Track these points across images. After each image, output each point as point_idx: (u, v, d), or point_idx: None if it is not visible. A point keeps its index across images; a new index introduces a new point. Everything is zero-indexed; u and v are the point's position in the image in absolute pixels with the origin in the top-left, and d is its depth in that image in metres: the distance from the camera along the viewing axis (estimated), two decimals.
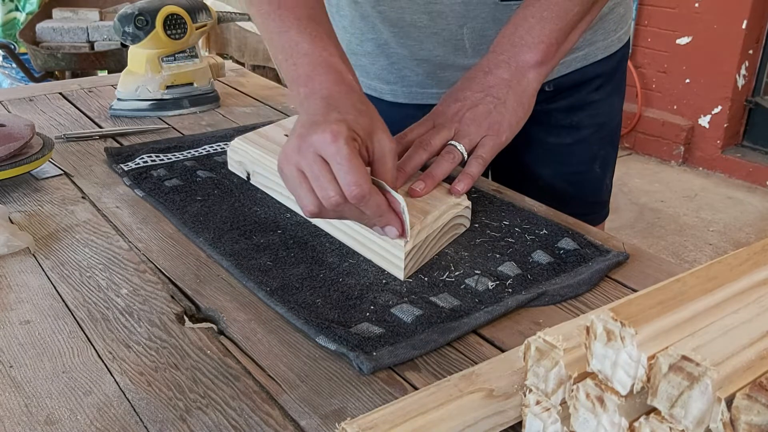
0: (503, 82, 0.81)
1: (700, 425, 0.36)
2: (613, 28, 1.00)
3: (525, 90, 0.81)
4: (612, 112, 1.07)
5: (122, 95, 1.15)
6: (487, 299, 0.66)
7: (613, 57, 1.03)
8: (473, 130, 0.80)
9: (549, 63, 0.82)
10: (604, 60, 1.01)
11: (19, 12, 2.92)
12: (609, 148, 1.08)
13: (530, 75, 0.81)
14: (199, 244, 0.75)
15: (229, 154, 0.92)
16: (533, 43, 0.81)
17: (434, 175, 0.77)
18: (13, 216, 0.81)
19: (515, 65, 0.81)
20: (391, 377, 0.57)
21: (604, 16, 0.98)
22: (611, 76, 1.04)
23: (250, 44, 3.34)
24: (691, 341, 0.38)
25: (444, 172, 0.78)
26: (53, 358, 0.58)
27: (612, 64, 1.03)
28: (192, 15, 1.16)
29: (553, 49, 0.81)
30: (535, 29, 0.81)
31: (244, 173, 0.90)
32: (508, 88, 0.81)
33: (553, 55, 0.82)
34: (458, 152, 0.79)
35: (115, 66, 2.64)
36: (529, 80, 0.81)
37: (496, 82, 0.81)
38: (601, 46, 1.00)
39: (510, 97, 0.81)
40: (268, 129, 0.92)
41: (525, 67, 0.81)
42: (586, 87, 1.03)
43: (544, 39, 0.81)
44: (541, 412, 0.45)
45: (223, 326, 0.63)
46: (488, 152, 0.80)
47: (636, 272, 0.72)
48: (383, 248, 0.70)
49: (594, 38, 0.99)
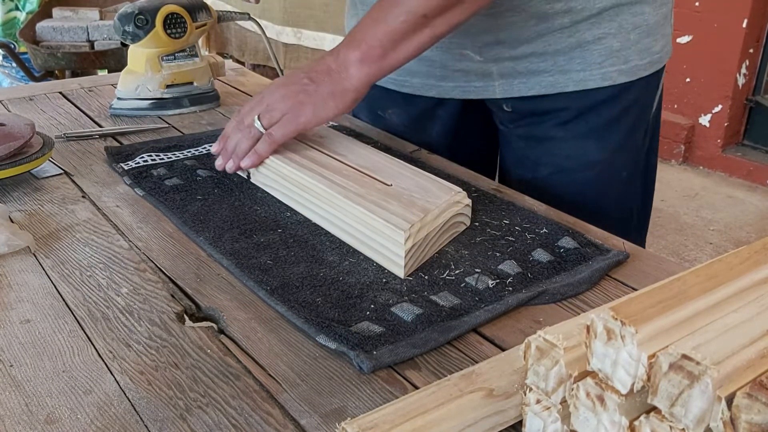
0: (326, 69, 0.83)
1: (701, 424, 0.36)
2: (599, 62, 0.91)
3: (342, 82, 0.82)
4: (579, 158, 0.96)
5: (122, 94, 1.15)
6: (488, 298, 0.66)
7: (594, 94, 0.93)
8: (278, 107, 0.83)
9: (373, 63, 0.82)
10: (577, 94, 0.93)
11: (19, 11, 2.92)
12: (574, 202, 0.93)
13: (351, 70, 0.82)
14: (199, 243, 0.75)
15: None
16: (358, 41, 0.82)
17: (237, 153, 0.86)
18: (13, 215, 0.81)
19: (341, 57, 0.83)
20: (391, 376, 0.57)
21: (584, 44, 0.91)
22: (587, 115, 0.95)
23: (250, 43, 3.34)
24: (691, 340, 0.38)
25: (242, 149, 0.85)
26: (53, 357, 0.58)
27: (591, 103, 0.94)
28: (192, 14, 1.16)
29: (376, 51, 0.81)
30: (364, 29, 0.83)
31: (244, 172, 0.90)
32: (328, 76, 0.83)
33: (379, 57, 0.81)
34: (255, 129, 0.84)
35: (115, 65, 2.64)
36: (350, 75, 0.82)
37: (320, 68, 0.84)
38: (575, 77, 0.92)
39: (325, 84, 0.83)
40: None
41: (347, 61, 0.82)
42: (547, 118, 0.96)
43: (367, 39, 0.81)
44: (541, 411, 0.45)
45: (223, 325, 0.63)
46: (279, 131, 0.83)
47: (636, 271, 0.72)
48: (383, 246, 0.70)
49: (568, 66, 0.92)
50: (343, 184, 0.77)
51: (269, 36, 2.23)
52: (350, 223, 0.73)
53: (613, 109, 0.95)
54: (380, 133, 1.08)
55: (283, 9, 3.06)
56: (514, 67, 0.93)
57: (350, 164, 0.82)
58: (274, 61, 1.48)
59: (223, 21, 1.25)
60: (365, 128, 1.11)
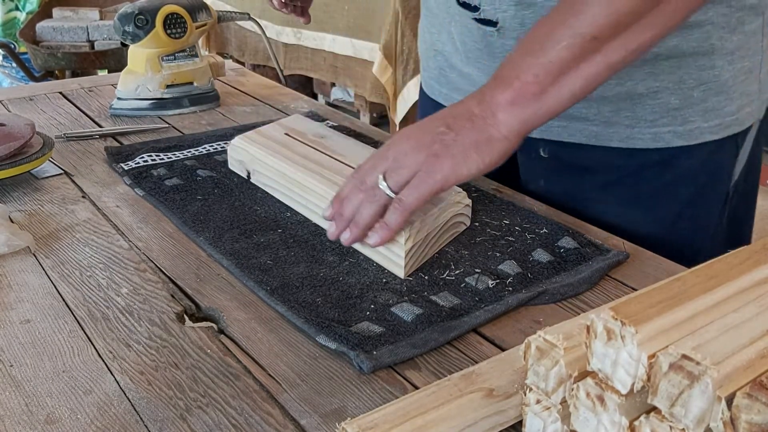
0: (467, 114, 0.67)
1: (701, 424, 0.36)
2: (650, 119, 0.79)
3: (487, 129, 0.66)
4: (625, 230, 0.80)
5: (122, 94, 1.15)
6: (488, 298, 0.66)
7: (642, 155, 0.80)
8: (408, 162, 0.67)
9: (527, 106, 0.65)
10: (623, 152, 0.81)
11: (19, 11, 2.92)
12: None
13: (500, 116, 0.65)
14: (199, 244, 0.75)
15: (230, 153, 0.92)
16: (507, 78, 0.66)
17: (357, 222, 0.69)
18: (13, 215, 0.81)
19: (487, 100, 0.66)
20: (391, 376, 0.57)
21: (635, 96, 0.79)
22: (633, 179, 0.82)
23: (250, 43, 3.34)
24: (691, 340, 0.38)
25: (366, 217, 0.68)
26: (53, 358, 0.58)
27: (638, 165, 0.80)
28: (192, 14, 1.16)
29: (531, 89, 0.64)
30: (514, 63, 0.66)
31: (244, 172, 0.90)
32: (470, 123, 0.66)
33: (534, 97, 0.65)
34: (381, 192, 0.67)
35: (115, 65, 2.65)
36: (498, 121, 0.65)
37: (459, 113, 0.68)
38: (621, 132, 0.80)
39: (466, 133, 0.66)
40: (269, 128, 0.92)
41: (495, 104, 0.66)
42: (587, 176, 0.84)
43: (520, 74, 0.65)
44: (541, 411, 0.45)
45: (223, 325, 0.63)
46: (412, 196, 0.66)
47: (636, 271, 0.72)
48: (384, 246, 0.70)
49: (614, 118, 0.80)
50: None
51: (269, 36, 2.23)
52: None
53: (665, 176, 0.82)
54: (380, 133, 1.08)
55: None
56: None
57: (350, 164, 0.82)
58: (274, 61, 1.48)
59: (223, 21, 1.25)
60: (365, 128, 1.11)
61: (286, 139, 0.88)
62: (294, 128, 0.91)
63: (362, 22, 2.76)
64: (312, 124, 0.94)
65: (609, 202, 0.84)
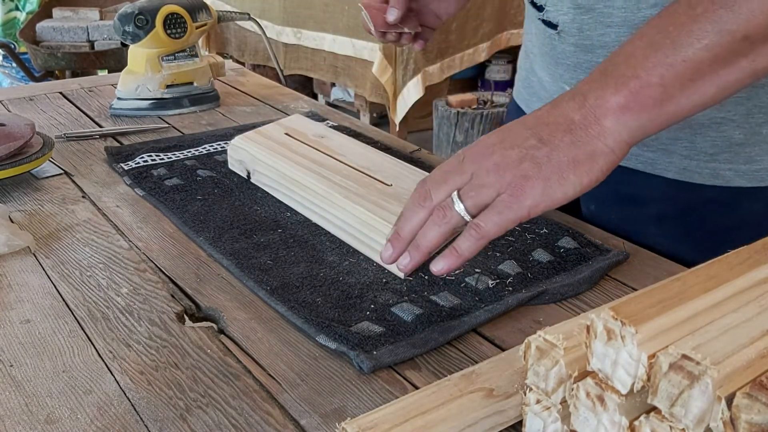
0: (566, 123, 0.56)
1: (701, 424, 0.36)
2: (710, 152, 0.72)
3: (591, 142, 0.55)
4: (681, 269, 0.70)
5: (122, 94, 1.15)
6: (488, 298, 0.66)
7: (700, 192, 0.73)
8: (490, 181, 0.57)
9: (644, 112, 0.54)
10: (679, 185, 0.73)
11: (19, 11, 2.92)
12: None
13: (606, 122, 0.55)
14: (199, 243, 0.75)
15: (230, 153, 0.92)
16: (622, 77, 0.55)
17: (419, 245, 0.61)
18: (13, 215, 0.81)
19: (591, 103, 0.56)
20: (391, 376, 0.57)
21: (696, 126, 0.71)
22: (688, 217, 0.75)
23: (250, 43, 3.34)
24: (691, 340, 0.38)
25: (430, 240, 0.60)
26: (53, 357, 0.58)
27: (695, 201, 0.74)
28: (192, 14, 1.16)
29: (653, 92, 0.54)
30: (631, 57, 0.55)
31: (244, 172, 0.90)
32: (569, 134, 0.56)
33: (655, 103, 0.54)
34: (454, 213, 0.58)
35: (115, 65, 2.65)
36: (605, 130, 0.55)
37: (556, 120, 0.57)
38: (678, 163, 0.73)
39: (563, 149, 0.55)
40: (269, 128, 0.92)
41: (603, 109, 0.55)
42: (641, 206, 0.77)
43: (639, 72, 0.54)
44: (541, 411, 0.45)
45: (223, 325, 0.63)
46: (493, 224, 0.57)
47: (636, 271, 0.72)
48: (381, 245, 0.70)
49: (672, 146, 0.72)
50: (343, 184, 0.77)
51: (269, 36, 2.23)
52: (350, 223, 0.73)
53: (723, 217, 0.74)
54: (380, 133, 1.08)
55: (283, 9, 3.06)
56: None
57: (350, 164, 0.82)
58: (274, 61, 1.48)
59: (223, 21, 1.25)
60: (365, 128, 1.11)
61: (286, 139, 0.88)
62: (294, 128, 0.91)
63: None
64: (312, 124, 0.94)
65: (661, 236, 0.77)
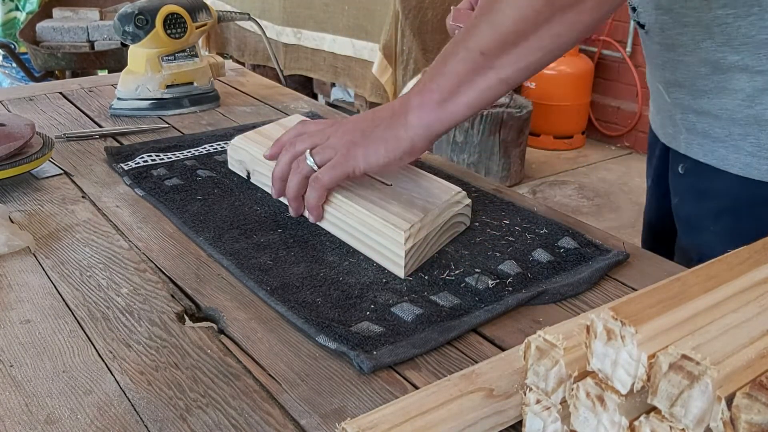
0: (390, 111, 0.73)
1: (701, 424, 0.36)
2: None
3: (398, 129, 0.71)
4: None
5: (122, 95, 1.15)
6: (488, 298, 0.66)
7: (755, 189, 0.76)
8: (334, 143, 0.73)
9: (431, 112, 0.70)
10: (739, 181, 0.76)
11: (19, 11, 2.92)
12: None
13: (410, 117, 0.71)
14: (199, 244, 0.75)
15: (230, 153, 0.92)
16: (422, 83, 0.72)
17: (288, 193, 0.76)
18: (13, 215, 0.81)
19: (405, 100, 0.73)
20: (391, 376, 0.57)
21: (763, 122, 0.73)
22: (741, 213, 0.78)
23: (249, 44, 3.34)
24: (691, 340, 0.38)
25: (293, 188, 0.75)
26: (53, 358, 0.58)
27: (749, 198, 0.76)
28: (192, 14, 1.16)
29: (433, 96, 0.70)
30: (431, 69, 0.73)
31: (244, 172, 0.90)
32: (389, 119, 0.72)
33: (436, 105, 0.70)
34: (306, 165, 0.74)
35: (115, 65, 2.65)
36: (408, 122, 0.71)
37: (388, 107, 0.74)
38: (743, 159, 0.75)
39: (383, 129, 0.72)
40: (269, 128, 0.92)
41: (409, 106, 0.71)
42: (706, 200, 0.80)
43: (428, 82, 0.71)
44: (541, 411, 0.45)
45: (223, 325, 0.63)
46: (327, 175, 0.72)
47: (636, 271, 0.72)
48: (384, 246, 0.70)
49: (741, 143, 0.75)
50: (343, 183, 0.77)
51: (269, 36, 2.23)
52: (350, 223, 0.73)
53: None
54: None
55: (283, 9, 3.06)
56: (696, 123, 0.79)
57: None
58: (274, 62, 1.48)
59: (223, 21, 1.26)
60: None
61: None
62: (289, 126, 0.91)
63: (362, 22, 2.76)
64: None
65: (716, 233, 0.80)
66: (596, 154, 3.92)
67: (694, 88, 0.77)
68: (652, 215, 0.98)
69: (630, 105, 3.87)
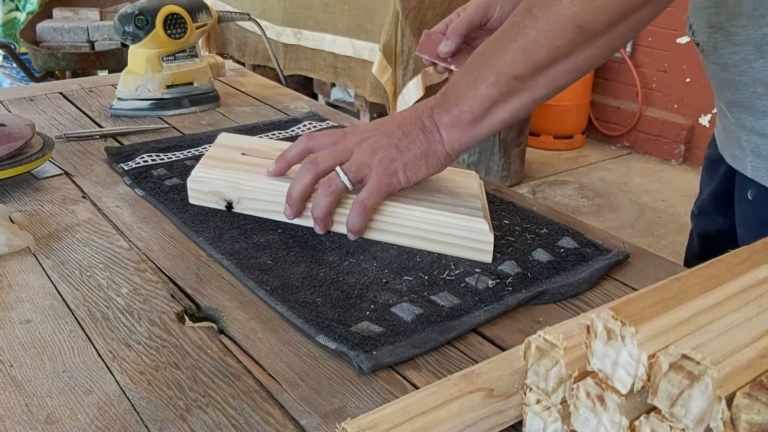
0: (420, 125, 0.73)
1: (701, 424, 0.36)
2: None
3: (434, 144, 0.72)
4: None
5: (122, 95, 1.15)
6: (488, 298, 0.66)
7: None
8: (366, 160, 0.72)
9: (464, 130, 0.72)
10: None
11: (19, 12, 2.92)
12: None
13: (443, 133, 0.72)
14: (199, 244, 0.75)
15: (193, 187, 0.82)
16: (450, 102, 0.72)
17: (316, 213, 0.74)
18: (13, 215, 0.81)
19: (435, 117, 0.73)
20: (391, 376, 0.57)
21: None
22: None
23: (250, 44, 3.34)
24: (691, 340, 0.38)
25: (324, 206, 0.73)
26: (53, 358, 0.58)
27: None
28: (192, 14, 1.16)
29: (466, 117, 0.71)
30: (457, 87, 0.72)
31: (221, 203, 0.81)
32: (422, 134, 0.72)
33: (469, 124, 0.71)
34: (339, 182, 0.72)
35: (115, 66, 2.65)
36: (441, 138, 0.72)
37: (414, 121, 0.73)
38: None
39: (418, 144, 0.72)
40: (217, 152, 0.85)
41: (440, 122, 0.72)
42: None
43: (458, 102, 0.71)
44: (541, 411, 0.45)
45: (223, 325, 0.63)
46: (374, 198, 0.72)
47: (636, 271, 0.72)
48: (467, 239, 0.72)
49: None
50: None
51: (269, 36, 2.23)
52: (414, 226, 0.73)
53: None
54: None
55: (283, 9, 3.06)
56: (760, 145, 0.76)
57: None
58: (274, 62, 1.48)
59: (223, 21, 1.25)
60: None
61: (252, 159, 0.83)
62: (242, 147, 0.86)
63: (362, 22, 2.76)
64: (254, 140, 0.91)
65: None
66: (596, 154, 3.92)
67: (754, 109, 0.75)
68: (705, 235, 0.94)
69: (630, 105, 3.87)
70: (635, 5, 0.64)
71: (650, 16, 0.66)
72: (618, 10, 0.64)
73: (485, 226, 0.72)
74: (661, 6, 0.65)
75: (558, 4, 0.65)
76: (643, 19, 0.66)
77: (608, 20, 0.64)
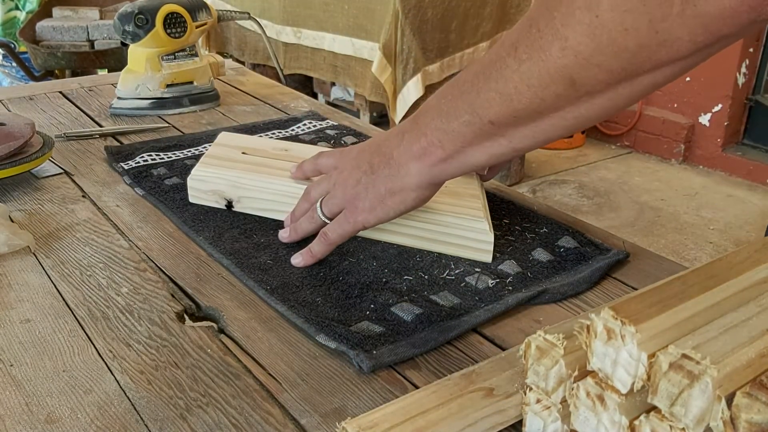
0: (387, 156, 0.66)
1: (701, 424, 0.36)
2: None
3: (401, 179, 0.65)
4: None
5: (122, 94, 1.15)
6: (488, 297, 0.66)
7: None
8: (338, 196, 0.70)
9: (434, 165, 0.63)
10: None
11: (19, 11, 2.92)
12: None
13: (411, 166, 0.64)
14: (199, 243, 0.75)
15: (193, 186, 0.82)
16: (420, 131, 0.64)
17: (296, 229, 0.74)
18: (13, 215, 0.81)
19: (404, 145, 0.65)
20: (391, 376, 0.57)
21: None
22: None
23: (250, 43, 3.34)
24: (691, 339, 0.38)
25: (304, 229, 0.74)
26: (54, 357, 0.58)
27: None
28: (192, 13, 1.16)
29: (436, 152, 0.62)
30: (428, 115, 0.63)
31: (221, 202, 0.81)
32: (387, 167, 0.66)
33: (440, 160, 0.63)
34: (317, 217, 0.72)
35: (115, 65, 2.65)
36: (410, 171, 0.64)
37: (383, 151, 0.67)
38: None
39: (383, 180, 0.66)
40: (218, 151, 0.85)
41: (408, 154, 0.64)
42: None
43: (427, 132, 0.63)
44: (541, 411, 0.45)
45: (223, 325, 0.63)
46: (336, 234, 0.70)
47: (636, 270, 0.72)
48: (467, 239, 0.72)
49: None
50: None
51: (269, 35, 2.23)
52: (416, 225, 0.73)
53: None
54: (381, 132, 1.08)
55: (282, 8, 3.06)
56: None
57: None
58: (274, 61, 1.48)
59: (223, 20, 1.25)
60: (365, 127, 1.11)
61: (253, 158, 0.83)
62: (243, 146, 0.86)
63: (362, 21, 2.76)
64: (254, 139, 0.92)
65: None
66: (596, 153, 3.92)
67: None
68: None
69: None
70: (644, 67, 0.51)
71: (666, 79, 0.52)
72: (619, 71, 0.51)
73: (485, 226, 0.71)
74: (679, 69, 0.52)
75: (547, 49, 0.52)
76: (656, 82, 0.52)
77: (607, 79, 0.52)
